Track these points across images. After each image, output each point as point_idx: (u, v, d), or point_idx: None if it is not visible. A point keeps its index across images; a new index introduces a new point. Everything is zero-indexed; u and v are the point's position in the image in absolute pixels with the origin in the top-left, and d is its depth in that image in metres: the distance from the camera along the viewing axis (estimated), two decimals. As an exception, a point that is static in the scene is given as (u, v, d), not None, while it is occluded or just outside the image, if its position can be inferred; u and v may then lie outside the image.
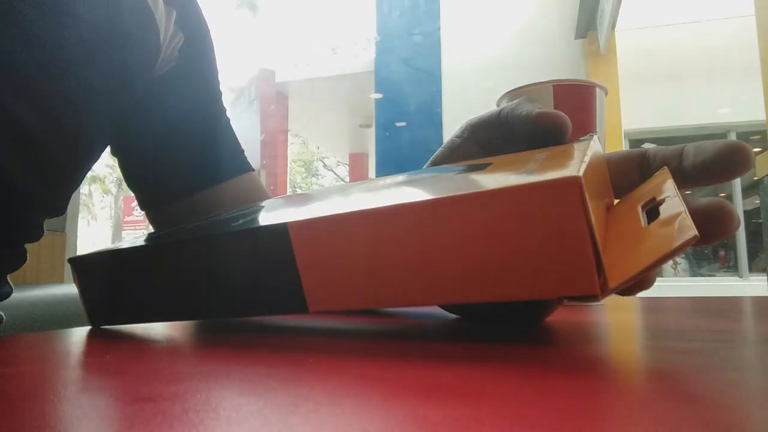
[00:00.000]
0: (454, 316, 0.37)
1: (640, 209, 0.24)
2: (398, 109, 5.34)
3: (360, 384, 0.17)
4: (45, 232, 0.44)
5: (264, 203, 0.35)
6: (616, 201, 0.29)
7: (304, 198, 0.32)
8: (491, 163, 0.28)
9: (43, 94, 0.35)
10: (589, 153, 0.24)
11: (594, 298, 0.20)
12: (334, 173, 15.79)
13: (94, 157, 0.43)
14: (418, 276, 0.22)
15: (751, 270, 4.93)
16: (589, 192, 0.20)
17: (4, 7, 0.32)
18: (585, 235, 0.19)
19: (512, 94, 0.42)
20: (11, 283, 0.47)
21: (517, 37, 5.18)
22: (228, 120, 0.53)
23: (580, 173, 0.19)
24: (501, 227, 0.20)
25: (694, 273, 5.64)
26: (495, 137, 0.35)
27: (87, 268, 0.32)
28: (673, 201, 0.23)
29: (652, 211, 0.23)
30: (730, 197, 4.99)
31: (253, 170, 0.54)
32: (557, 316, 0.36)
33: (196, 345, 0.24)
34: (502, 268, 0.21)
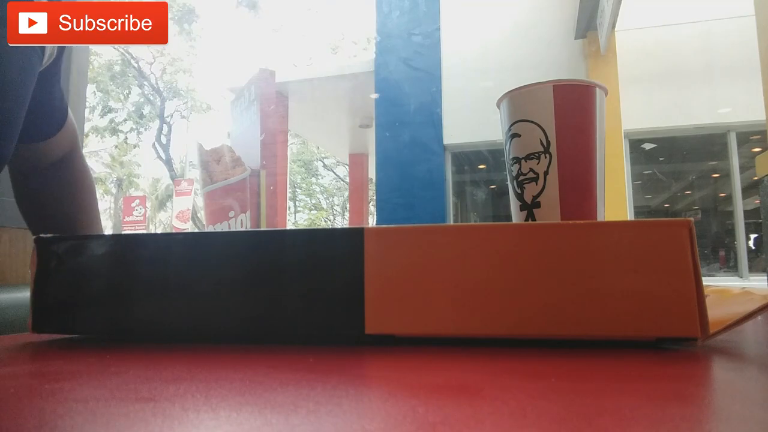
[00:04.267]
0: None
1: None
2: (398, 109, 5.34)
3: (360, 384, 0.16)
4: None
5: None
6: None
7: None
8: None
9: None
10: None
11: (693, 341, 0.20)
12: (334, 173, 15.80)
13: None
14: (503, 302, 0.21)
15: (751, 270, 4.93)
16: None
17: None
18: (690, 274, 0.20)
19: (512, 94, 0.42)
20: None
21: (518, 37, 5.18)
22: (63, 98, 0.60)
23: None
24: (609, 258, 0.20)
25: (694, 273, 5.60)
26: None
27: (62, 253, 0.26)
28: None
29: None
30: (729, 197, 4.99)
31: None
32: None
33: (195, 345, 0.24)
34: (603, 302, 0.20)
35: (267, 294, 0.23)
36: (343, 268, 0.23)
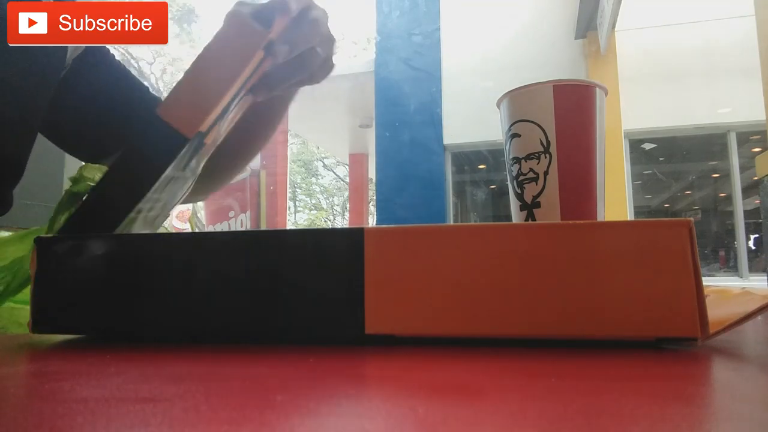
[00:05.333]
0: None
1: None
2: (398, 109, 5.34)
3: (360, 384, 0.17)
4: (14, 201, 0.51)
5: None
6: None
7: None
8: None
9: None
10: None
11: (693, 341, 0.20)
12: (334, 173, 15.79)
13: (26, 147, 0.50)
14: (504, 302, 0.21)
15: (751, 270, 4.93)
16: None
17: None
18: (691, 274, 0.20)
19: (512, 94, 0.42)
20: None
21: (517, 37, 5.17)
22: (147, 95, 0.60)
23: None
24: (609, 258, 0.20)
25: (694, 273, 5.59)
26: None
27: (62, 253, 0.26)
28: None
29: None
30: (729, 197, 4.99)
31: None
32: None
33: (195, 345, 0.24)
34: (603, 302, 0.20)
35: (267, 294, 0.23)
36: (343, 268, 0.23)
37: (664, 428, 0.11)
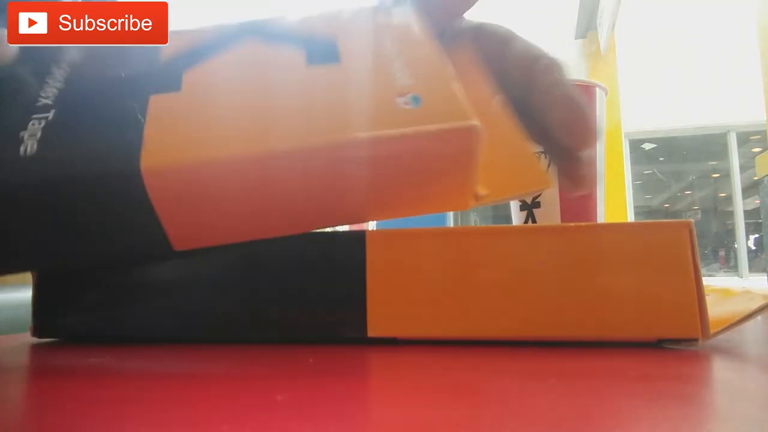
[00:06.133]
0: None
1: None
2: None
3: (360, 384, 0.17)
4: None
5: None
6: None
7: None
8: None
9: None
10: None
11: (693, 341, 0.20)
12: (334, 173, 15.76)
13: None
14: (505, 305, 0.21)
15: (751, 270, 4.93)
16: None
17: None
18: (691, 275, 0.20)
19: (512, 94, 0.42)
20: None
21: (517, 37, 5.17)
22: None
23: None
24: (609, 260, 0.20)
25: (694, 273, 5.61)
26: None
27: None
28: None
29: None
30: (729, 197, 5.00)
31: None
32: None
33: (196, 346, 0.24)
34: (604, 304, 0.20)
35: (268, 297, 0.23)
36: (345, 272, 0.23)
37: (664, 428, 0.11)
